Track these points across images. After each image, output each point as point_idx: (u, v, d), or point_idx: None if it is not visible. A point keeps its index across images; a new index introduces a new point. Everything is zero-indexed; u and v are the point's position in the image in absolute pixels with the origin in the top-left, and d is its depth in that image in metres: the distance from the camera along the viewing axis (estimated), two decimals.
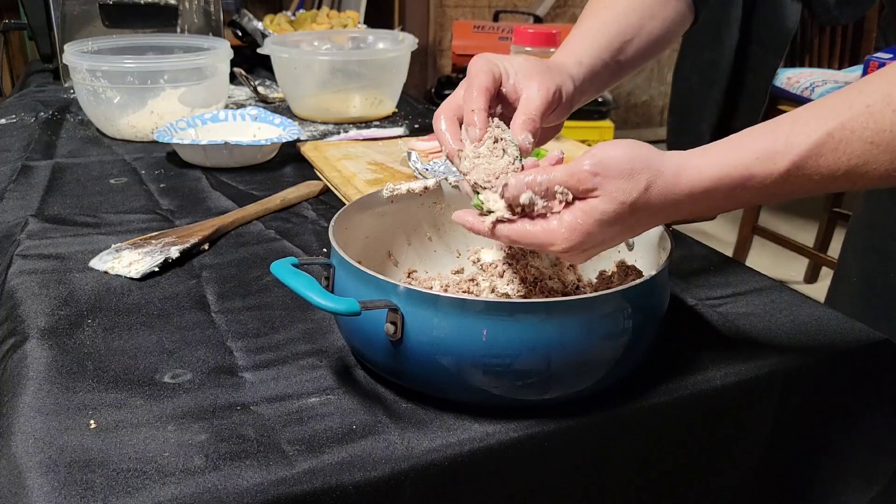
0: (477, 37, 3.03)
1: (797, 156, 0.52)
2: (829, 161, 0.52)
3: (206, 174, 1.09)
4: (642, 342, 0.60)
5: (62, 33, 1.54)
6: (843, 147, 0.51)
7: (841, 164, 0.52)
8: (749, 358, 0.66)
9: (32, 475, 0.49)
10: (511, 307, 0.55)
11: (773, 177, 0.53)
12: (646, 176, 0.54)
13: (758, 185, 0.53)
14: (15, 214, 0.93)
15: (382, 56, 1.44)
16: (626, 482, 0.62)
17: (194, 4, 1.62)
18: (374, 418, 0.56)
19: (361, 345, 0.61)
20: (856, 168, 0.52)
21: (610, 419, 0.59)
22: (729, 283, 0.80)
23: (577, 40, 0.74)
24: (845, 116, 0.52)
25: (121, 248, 0.82)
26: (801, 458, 0.70)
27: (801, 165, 0.52)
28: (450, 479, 0.54)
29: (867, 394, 0.70)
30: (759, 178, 0.53)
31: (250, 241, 0.88)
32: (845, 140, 0.51)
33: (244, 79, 1.55)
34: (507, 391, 0.56)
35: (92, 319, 0.69)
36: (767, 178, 0.53)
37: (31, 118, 1.37)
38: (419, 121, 1.43)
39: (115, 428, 0.54)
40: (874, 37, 2.35)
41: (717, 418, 0.64)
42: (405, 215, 0.76)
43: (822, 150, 0.52)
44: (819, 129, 0.52)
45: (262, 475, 0.50)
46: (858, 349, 0.69)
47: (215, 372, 0.62)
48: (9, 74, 2.40)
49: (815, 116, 0.53)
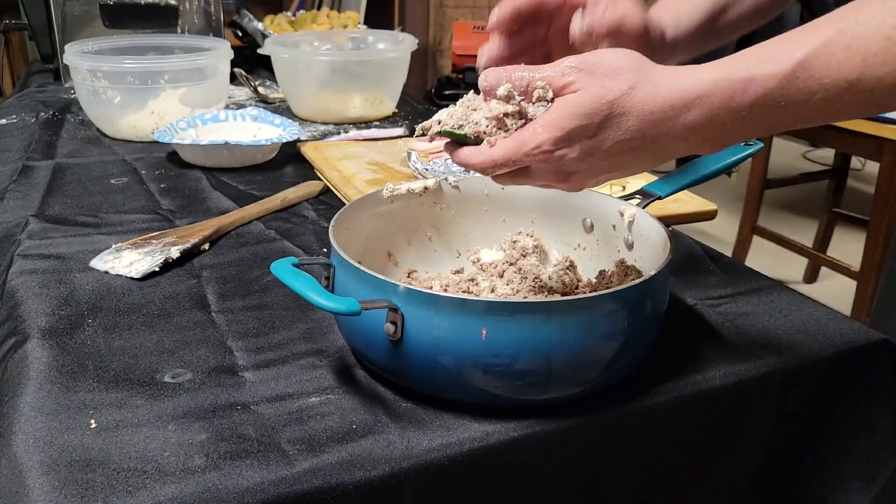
0: (477, 37, 3.03)
1: (803, 55, 0.47)
2: (841, 60, 0.46)
3: (206, 174, 1.09)
4: (642, 342, 0.60)
5: (63, 33, 1.55)
6: (857, 44, 0.46)
7: (854, 65, 0.46)
8: (749, 358, 0.66)
9: (33, 475, 0.49)
10: (511, 307, 0.55)
11: (776, 79, 0.47)
12: (632, 76, 0.50)
13: (760, 91, 0.48)
14: (15, 214, 0.93)
15: (382, 56, 1.44)
16: (626, 482, 0.62)
17: (194, 5, 1.62)
18: (374, 418, 0.56)
19: (361, 345, 0.61)
20: (871, 69, 0.46)
21: (610, 419, 0.59)
22: (729, 283, 0.80)
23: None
24: (861, 13, 0.46)
25: (121, 247, 0.82)
26: (801, 458, 0.70)
27: (808, 65, 0.47)
28: (450, 478, 0.54)
29: (867, 394, 0.70)
30: (760, 80, 0.48)
31: (250, 241, 0.88)
32: (859, 36, 0.46)
33: (244, 79, 1.55)
34: (506, 391, 0.56)
35: (92, 319, 0.69)
36: (770, 81, 0.47)
37: (32, 118, 1.37)
38: (419, 121, 1.41)
39: (115, 427, 0.54)
40: None
41: (717, 418, 0.64)
42: (405, 215, 0.76)
43: (831, 47, 0.46)
44: (830, 28, 0.47)
45: (263, 475, 0.50)
46: (858, 349, 0.69)
47: (215, 371, 0.62)
48: (9, 74, 2.41)
49: (826, 20, 0.48)
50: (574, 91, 0.51)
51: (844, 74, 0.46)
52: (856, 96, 0.47)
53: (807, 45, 0.47)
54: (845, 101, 0.47)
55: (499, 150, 0.54)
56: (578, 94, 0.51)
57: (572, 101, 0.51)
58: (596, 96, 0.50)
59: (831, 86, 0.47)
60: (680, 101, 0.49)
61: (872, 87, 0.46)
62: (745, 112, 0.49)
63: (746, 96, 0.48)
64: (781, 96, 0.48)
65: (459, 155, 0.56)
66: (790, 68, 0.47)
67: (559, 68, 0.52)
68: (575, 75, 0.51)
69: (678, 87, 0.50)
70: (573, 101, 0.51)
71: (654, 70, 0.51)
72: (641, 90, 0.50)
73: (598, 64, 0.51)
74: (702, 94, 0.49)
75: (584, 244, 0.76)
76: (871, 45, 0.46)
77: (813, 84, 0.47)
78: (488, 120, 0.55)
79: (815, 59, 0.47)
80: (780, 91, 0.48)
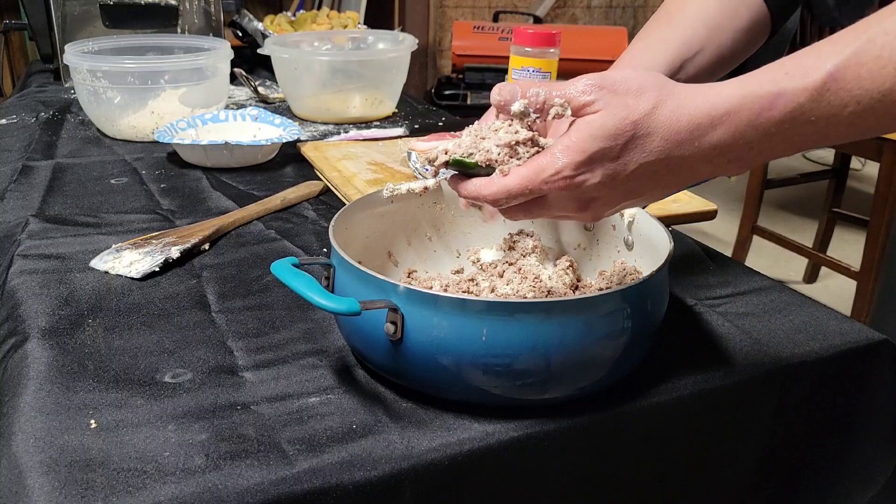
0: (477, 37, 3.03)
1: (833, 66, 0.45)
2: (872, 70, 0.44)
3: (206, 174, 1.09)
4: (642, 342, 0.60)
5: (62, 33, 1.55)
6: (888, 53, 0.44)
7: (886, 75, 0.44)
8: (749, 358, 0.66)
9: (33, 475, 0.49)
10: (511, 307, 0.55)
11: (807, 92, 0.45)
12: (655, 94, 0.47)
13: (790, 105, 0.46)
14: (16, 214, 0.93)
15: (382, 56, 1.44)
16: (626, 482, 0.62)
17: (194, 5, 1.62)
18: (375, 418, 0.56)
19: (361, 345, 0.61)
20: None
21: (610, 419, 0.59)
22: (729, 283, 0.80)
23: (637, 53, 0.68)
24: (887, 22, 0.44)
25: (121, 248, 0.82)
26: (801, 457, 0.70)
27: (839, 77, 0.45)
28: (450, 478, 0.54)
29: (867, 393, 0.70)
30: (789, 94, 0.45)
31: (251, 241, 0.88)
32: (889, 45, 0.44)
33: (244, 79, 1.55)
34: (506, 391, 0.56)
35: (92, 319, 0.69)
36: (800, 95, 0.45)
37: (32, 118, 1.37)
38: (419, 121, 1.43)
39: (115, 427, 0.54)
40: None
41: (717, 418, 0.64)
42: (405, 215, 0.76)
43: (861, 57, 0.44)
44: (858, 38, 0.45)
45: (263, 475, 0.50)
46: (858, 349, 0.69)
47: (216, 371, 0.62)
48: (9, 75, 2.41)
49: (854, 29, 0.46)
50: (595, 111, 0.48)
51: (877, 85, 0.45)
52: (889, 107, 0.45)
53: (836, 55, 0.45)
54: (877, 114, 0.46)
55: (513, 179, 0.51)
56: (600, 114, 0.48)
57: (594, 123, 0.48)
58: (619, 116, 0.48)
59: (863, 97, 0.45)
60: (706, 119, 0.47)
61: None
62: (773, 129, 0.47)
63: (775, 111, 0.46)
64: (811, 110, 0.46)
65: (468, 187, 0.54)
66: (821, 80, 0.45)
67: (578, 86, 0.49)
68: (596, 93, 0.48)
69: (703, 103, 0.47)
70: (595, 123, 0.48)
71: (677, 88, 0.49)
72: (666, 109, 0.48)
73: (620, 82, 0.49)
74: (729, 111, 0.47)
75: (584, 244, 0.76)
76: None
77: (844, 96, 0.45)
78: (500, 147, 0.52)
79: (845, 70, 0.45)
80: (810, 105, 0.46)
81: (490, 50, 2.98)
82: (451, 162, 0.54)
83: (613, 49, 3.02)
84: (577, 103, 0.49)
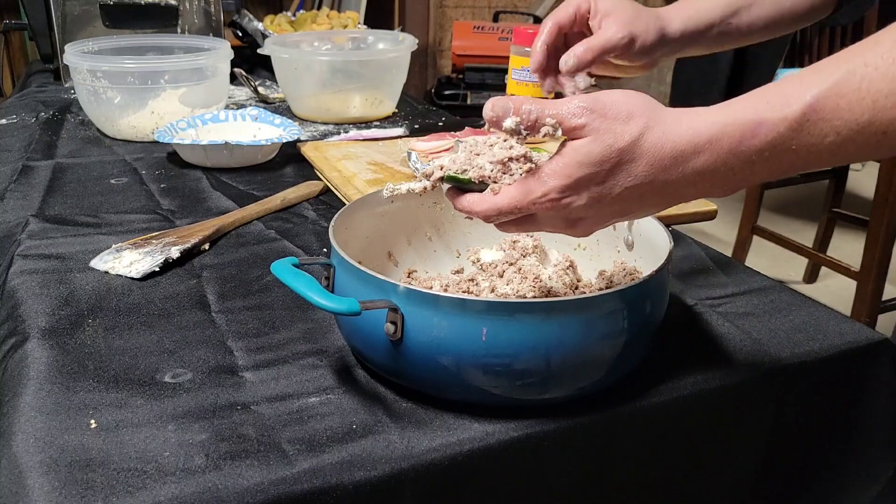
0: (477, 37, 3.03)
1: (813, 97, 0.46)
2: (851, 102, 0.45)
3: (206, 174, 1.09)
4: (642, 342, 0.60)
5: (62, 33, 1.55)
6: (867, 86, 0.45)
7: (865, 107, 0.45)
8: (749, 357, 0.66)
9: (33, 475, 0.49)
10: (511, 307, 0.55)
11: (787, 122, 0.46)
12: (643, 121, 0.49)
13: (770, 134, 0.47)
14: (16, 214, 0.93)
15: (382, 56, 1.44)
16: (625, 482, 0.62)
17: (195, 5, 1.62)
18: (375, 418, 0.56)
19: (361, 345, 0.61)
20: (882, 111, 0.45)
21: (610, 419, 0.59)
22: (728, 283, 0.80)
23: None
24: (869, 54, 0.45)
25: (121, 248, 0.82)
26: (801, 457, 0.70)
27: (818, 108, 0.46)
28: (450, 478, 0.54)
29: (867, 393, 0.70)
30: (770, 123, 0.47)
31: (251, 241, 0.88)
32: (868, 78, 0.45)
33: (244, 79, 1.55)
34: (506, 391, 0.56)
35: (92, 319, 0.69)
36: (780, 125, 0.46)
37: (32, 118, 1.37)
38: (419, 121, 1.43)
39: (115, 427, 0.54)
40: None
41: (717, 418, 0.64)
42: (405, 215, 0.76)
43: (842, 89, 0.45)
44: (839, 68, 0.46)
45: (263, 474, 0.50)
46: (858, 349, 0.69)
47: (216, 371, 0.62)
48: (9, 75, 2.41)
49: (835, 59, 0.47)
50: (584, 135, 0.50)
51: (855, 117, 0.45)
52: (869, 138, 0.46)
53: (815, 86, 0.46)
54: (858, 144, 0.46)
55: (503, 198, 0.53)
56: (588, 140, 0.50)
57: (581, 150, 0.50)
58: (606, 144, 0.49)
59: (843, 128, 0.46)
60: (689, 147, 0.49)
61: (885, 129, 0.45)
62: (754, 156, 0.48)
63: (756, 140, 0.47)
64: (792, 139, 0.47)
65: (462, 202, 0.55)
66: (800, 111, 0.46)
67: (570, 107, 0.50)
68: (587, 117, 0.50)
69: (687, 131, 0.49)
70: (582, 150, 0.50)
71: (664, 113, 0.50)
72: (652, 135, 0.49)
73: (611, 106, 0.50)
74: (711, 139, 0.48)
75: (584, 244, 0.76)
76: (881, 87, 0.45)
77: (824, 126, 0.46)
78: (493, 164, 0.54)
79: (825, 101, 0.46)
80: (790, 134, 0.47)
81: (490, 50, 2.98)
82: (446, 178, 0.56)
83: None
84: (567, 125, 0.51)
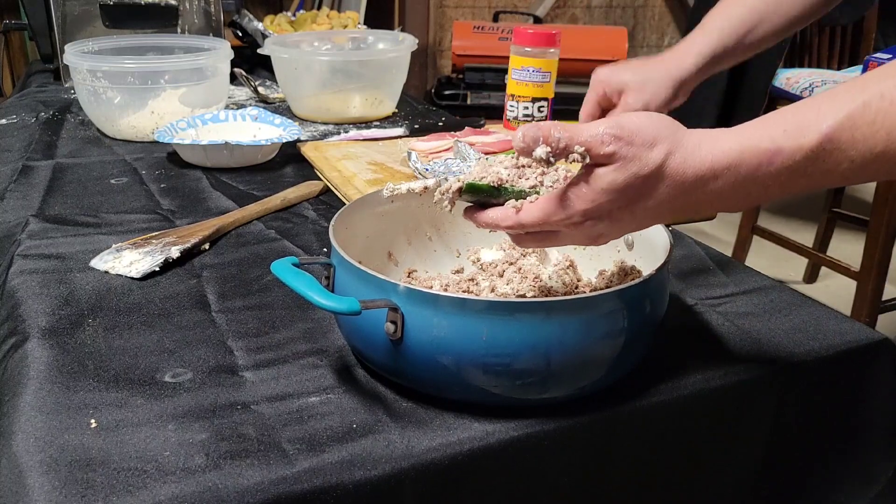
0: (477, 37, 3.03)
1: (829, 127, 0.47)
2: (866, 134, 0.46)
3: (206, 174, 1.09)
4: (641, 342, 0.60)
5: (62, 33, 1.55)
6: (882, 119, 0.46)
7: (879, 139, 0.46)
8: (749, 358, 0.66)
9: (33, 474, 0.49)
10: (511, 307, 0.55)
11: (803, 151, 0.48)
12: (666, 146, 0.51)
13: (786, 162, 0.48)
14: (16, 214, 0.93)
15: (382, 56, 1.44)
16: (626, 482, 0.62)
17: (195, 5, 1.62)
18: (375, 417, 0.56)
19: (361, 344, 0.61)
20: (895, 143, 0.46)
21: (610, 419, 0.59)
22: (728, 283, 0.80)
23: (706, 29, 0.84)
24: (884, 85, 0.47)
25: (121, 247, 0.82)
26: (801, 457, 0.70)
27: (834, 138, 0.47)
28: (450, 478, 0.54)
29: (867, 393, 0.70)
30: (786, 152, 0.48)
31: (251, 241, 0.88)
32: (883, 111, 0.46)
33: (244, 79, 1.55)
34: (506, 390, 0.56)
35: (93, 319, 0.69)
36: (797, 154, 0.48)
37: (32, 118, 1.37)
38: (419, 121, 1.43)
39: (115, 427, 0.54)
40: (874, 37, 2.36)
41: (717, 418, 0.64)
42: (405, 215, 0.76)
43: (856, 121, 0.47)
44: (854, 100, 0.47)
45: (263, 474, 0.50)
46: (858, 349, 0.69)
47: (216, 371, 0.62)
48: (9, 75, 2.41)
49: (850, 89, 0.48)
50: (612, 162, 0.51)
51: (870, 147, 0.47)
52: (882, 166, 0.47)
53: (831, 116, 0.47)
54: (871, 171, 0.48)
55: (527, 217, 0.54)
56: (614, 168, 0.51)
57: (606, 177, 0.51)
58: (632, 173, 0.51)
59: (857, 158, 0.47)
60: (709, 172, 0.50)
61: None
62: (770, 181, 0.50)
63: (773, 167, 0.49)
64: (807, 167, 0.48)
65: (485, 217, 0.57)
66: (817, 141, 0.48)
67: (598, 135, 0.51)
68: (615, 145, 0.51)
69: (707, 156, 0.50)
70: (607, 177, 0.51)
71: (685, 137, 0.51)
72: (674, 161, 0.51)
73: (637, 133, 0.51)
74: (729, 165, 0.50)
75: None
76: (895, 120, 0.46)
77: (839, 156, 0.48)
78: (508, 169, 0.56)
79: (840, 132, 0.47)
80: (805, 163, 0.48)
81: (490, 50, 2.98)
82: (465, 187, 0.56)
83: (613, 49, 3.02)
84: (596, 153, 0.51)
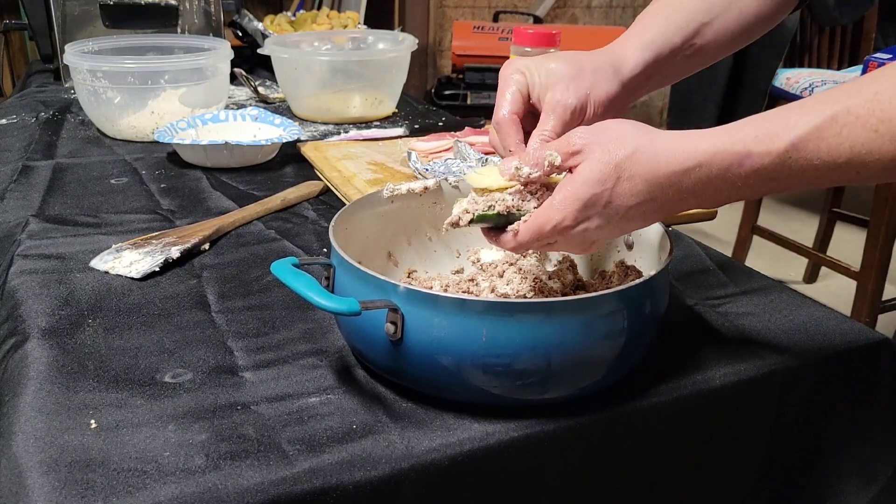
0: (477, 37, 3.03)
1: (796, 137, 0.51)
2: (831, 145, 0.50)
3: (206, 174, 1.09)
4: (642, 342, 0.60)
5: (62, 33, 1.55)
6: (847, 133, 0.50)
7: (843, 151, 0.50)
8: (749, 358, 0.66)
9: (33, 475, 0.49)
10: (511, 307, 0.55)
11: (770, 156, 0.51)
12: (635, 139, 0.54)
13: (755, 165, 0.52)
14: (16, 214, 0.93)
15: (382, 56, 1.44)
16: (626, 482, 0.62)
17: (195, 5, 1.62)
18: (375, 418, 0.56)
19: (361, 345, 0.61)
20: (858, 156, 0.50)
21: (610, 419, 0.59)
22: (728, 283, 0.80)
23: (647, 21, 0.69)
24: (852, 102, 0.50)
25: (121, 248, 0.82)
26: (801, 457, 0.70)
27: (801, 147, 0.51)
28: (450, 478, 0.54)
29: (867, 393, 0.70)
30: (756, 156, 0.52)
31: (251, 241, 0.88)
32: (849, 125, 0.50)
33: (244, 79, 1.55)
34: (506, 391, 0.56)
35: (93, 319, 0.69)
36: (765, 158, 0.51)
37: (32, 118, 1.37)
38: (419, 121, 1.43)
39: (115, 427, 0.54)
40: (873, 37, 2.35)
41: (717, 418, 0.64)
42: (405, 215, 0.76)
43: (823, 133, 0.50)
44: (823, 112, 0.50)
45: (263, 475, 0.50)
46: (858, 349, 0.69)
47: (216, 372, 0.62)
48: (9, 75, 2.41)
49: (821, 101, 0.51)
50: (583, 160, 0.55)
51: (833, 157, 0.50)
52: (845, 174, 0.51)
53: (800, 126, 0.51)
54: (835, 178, 0.52)
55: (524, 235, 0.58)
56: (586, 162, 0.54)
57: (583, 172, 0.54)
58: (602, 161, 0.54)
59: (821, 166, 0.51)
60: (681, 168, 0.53)
61: (859, 170, 0.51)
62: (740, 182, 0.53)
63: (742, 168, 0.52)
64: (774, 170, 0.52)
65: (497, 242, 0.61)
66: (783, 148, 0.51)
67: (566, 136, 0.56)
68: (582, 140, 0.55)
69: (679, 154, 0.53)
70: (584, 171, 0.54)
71: (655, 135, 0.54)
72: (645, 154, 0.53)
73: (602, 131, 0.55)
74: (700, 164, 0.53)
75: None
76: (859, 135, 0.49)
77: (804, 163, 0.51)
78: (512, 195, 0.59)
79: (807, 142, 0.51)
80: (773, 167, 0.52)
81: (490, 50, 2.98)
82: (476, 218, 0.60)
83: None
84: (565, 151, 0.56)
